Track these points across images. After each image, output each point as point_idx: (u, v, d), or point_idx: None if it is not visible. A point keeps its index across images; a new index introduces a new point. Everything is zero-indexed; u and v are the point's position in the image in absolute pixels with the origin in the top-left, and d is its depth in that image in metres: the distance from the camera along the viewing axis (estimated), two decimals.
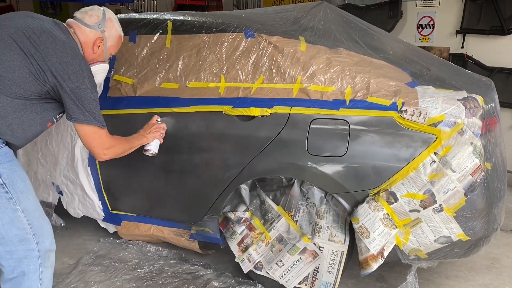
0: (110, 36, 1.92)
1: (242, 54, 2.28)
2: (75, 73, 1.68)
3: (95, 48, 1.86)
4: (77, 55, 1.72)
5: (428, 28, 5.05)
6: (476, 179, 1.98)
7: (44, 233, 1.76)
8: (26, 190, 1.71)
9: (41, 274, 1.76)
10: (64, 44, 1.69)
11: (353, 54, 2.21)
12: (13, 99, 1.64)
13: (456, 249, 2.11)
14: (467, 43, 4.73)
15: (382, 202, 2.04)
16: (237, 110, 2.22)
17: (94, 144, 1.82)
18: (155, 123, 2.24)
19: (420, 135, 2.00)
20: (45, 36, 1.66)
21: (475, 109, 2.02)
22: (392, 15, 5.25)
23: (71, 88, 1.68)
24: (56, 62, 1.65)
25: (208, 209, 2.40)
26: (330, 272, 2.25)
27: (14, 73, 1.62)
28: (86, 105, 1.72)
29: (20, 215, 1.67)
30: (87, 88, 1.71)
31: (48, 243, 1.77)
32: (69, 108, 1.72)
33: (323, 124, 2.11)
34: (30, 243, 1.71)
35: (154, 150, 2.22)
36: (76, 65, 1.69)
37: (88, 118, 1.74)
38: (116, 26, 1.95)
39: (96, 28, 1.86)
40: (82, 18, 1.86)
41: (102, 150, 1.85)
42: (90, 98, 1.73)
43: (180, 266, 2.68)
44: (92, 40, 1.86)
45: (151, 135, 2.19)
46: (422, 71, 2.26)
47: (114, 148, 1.91)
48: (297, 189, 2.30)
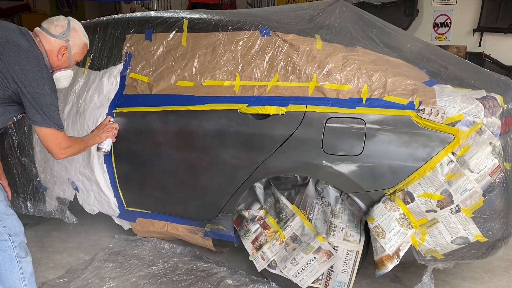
0: (75, 45, 2.02)
1: (257, 52, 2.28)
2: (36, 80, 1.80)
3: (60, 56, 1.97)
4: (39, 63, 1.83)
5: (444, 26, 4.99)
6: (494, 179, 1.95)
7: (15, 225, 1.90)
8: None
9: (20, 264, 1.90)
10: (27, 52, 1.80)
11: (370, 52, 2.19)
12: None
13: (473, 250, 2.08)
14: (485, 42, 4.67)
15: (398, 202, 2.02)
16: (252, 108, 2.22)
17: (52, 144, 1.93)
18: (108, 123, 2.41)
19: (438, 134, 1.98)
20: (9, 45, 1.77)
21: (494, 109, 1.98)
22: (408, 13, 5.21)
23: (32, 94, 1.80)
24: (18, 70, 1.77)
25: (223, 207, 2.40)
26: (344, 272, 2.24)
27: None
28: (45, 110, 1.84)
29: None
30: (47, 94, 1.83)
31: (20, 236, 1.91)
32: (29, 112, 1.84)
33: (339, 122, 2.10)
34: (2, 235, 1.85)
35: (107, 148, 2.40)
36: (37, 73, 1.81)
37: (46, 121, 1.85)
38: (81, 35, 2.04)
39: (60, 38, 1.96)
40: (48, 28, 1.96)
41: (60, 149, 1.97)
42: (49, 103, 1.85)
43: (194, 264, 2.69)
44: (57, 49, 1.96)
45: (104, 134, 2.37)
46: (440, 69, 2.24)
47: (71, 148, 2.04)
48: (312, 188, 2.29)
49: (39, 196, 2.94)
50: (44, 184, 2.90)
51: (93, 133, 2.35)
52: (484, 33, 4.61)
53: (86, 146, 2.23)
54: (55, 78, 1.97)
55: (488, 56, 4.53)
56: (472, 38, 4.74)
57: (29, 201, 2.96)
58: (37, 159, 2.85)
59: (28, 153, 2.85)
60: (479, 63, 4.46)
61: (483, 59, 4.51)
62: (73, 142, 2.07)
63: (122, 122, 2.51)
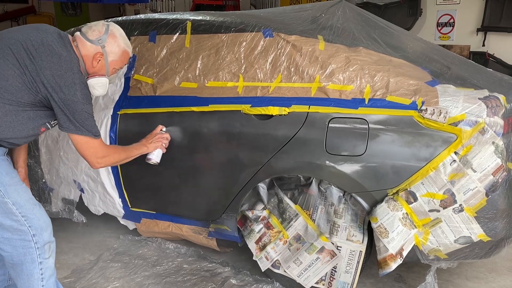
0: (111, 52, 1.94)
1: (260, 54, 2.30)
2: (67, 86, 1.74)
3: (95, 62, 1.90)
4: (72, 68, 1.77)
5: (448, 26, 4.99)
6: (497, 179, 1.96)
7: (41, 225, 1.82)
8: (14, 184, 1.77)
9: (41, 265, 1.82)
10: (60, 57, 1.75)
11: (372, 52, 2.20)
12: (5, 105, 1.71)
13: (476, 250, 2.08)
14: (488, 41, 4.66)
15: (401, 202, 2.03)
16: (255, 109, 2.23)
17: (87, 153, 1.88)
18: (158, 133, 2.30)
19: (440, 134, 1.98)
20: (43, 49, 1.73)
21: (497, 108, 1.98)
22: (411, 13, 5.21)
23: (62, 100, 1.74)
24: (49, 75, 1.72)
25: (226, 207, 2.42)
26: (348, 272, 2.25)
27: (8, 81, 1.70)
28: (77, 117, 1.78)
29: (11, 207, 1.74)
30: (78, 101, 1.77)
31: (46, 235, 1.83)
32: (59, 118, 1.79)
33: (341, 123, 2.11)
34: (26, 235, 1.78)
35: (156, 159, 2.27)
36: (69, 78, 1.75)
37: (79, 128, 1.80)
38: (120, 42, 1.96)
39: (96, 43, 1.90)
40: (85, 32, 1.92)
41: (96, 159, 1.91)
42: (81, 110, 1.79)
43: (199, 264, 2.71)
44: (92, 54, 1.90)
45: (153, 144, 2.25)
46: (442, 69, 2.24)
47: (109, 157, 1.97)
48: (315, 188, 2.31)
49: (45, 197, 2.97)
50: (50, 185, 2.93)
51: (140, 143, 2.24)
52: (488, 33, 4.60)
53: (129, 156, 2.13)
54: (89, 85, 1.90)
55: (492, 55, 4.52)
56: (475, 38, 4.73)
57: None
58: (43, 160, 2.88)
59: (34, 155, 2.88)
60: (482, 62, 4.46)
61: (487, 58, 4.50)
62: (112, 151, 2.01)
63: (126, 124, 2.53)
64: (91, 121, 1.84)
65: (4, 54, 1.71)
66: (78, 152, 1.90)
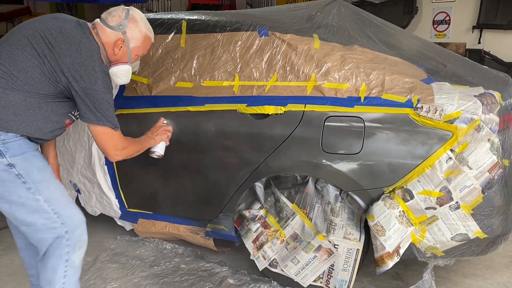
0: (133, 38, 1.86)
1: (256, 53, 2.29)
2: (88, 74, 1.68)
3: (116, 49, 1.83)
4: (92, 56, 1.71)
5: (444, 24, 5.00)
6: (493, 176, 1.96)
7: (74, 222, 1.77)
8: (45, 180, 1.73)
9: (66, 262, 1.77)
10: (79, 44, 1.69)
11: (368, 51, 2.20)
12: (26, 98, 1.67)
13: (473, 247, 2.08)
14: (484, 39, 4.68)
15: (397, 200, 2.03)
16: (251, 109, 2.23)
17: (107, 145, 1.83)
18: (161, 125, 2.26)
19: (436, 132, 1.99)
20: (62, 37, 1.67)
21: (492, 105, 1.99)
22: (407, 11, 5.21)
23: (83, 88, 1.69)
24: (69, 63, 1.66)
25: (223, 207, 2.41)
26: (345, 270, 2.25)
27: (27, 73, 1.65)
28: (98, 106, 1.72)
29: (43, 204, 1.70)
30: (99, 89, 1.71)
31: (78, 233, 1.78)
32: (80, 109, 1.74)
33: (337, 121, 2.11)
34: (59, 231, 1.73)
35: (160, 152, 2.24)
36: (89, 66, 1.69)
37: (100, 119, 1.74)
38: (141, 27, 1.88)
39: (117, 29, 1.82)
40: (105, 18, 1.84)
41: (115, 151, 1.86)
42: (102, 99, 1.73)
43: (196, 264, 2.71)
44: (113, 41, 1.83)
45: (159, 137, 2.21)
46: (438, 67, 2.24)
47: (127, 150, 1.92)
48: (312, 186, 2.30)
49: None
50: None
51: (147, 135, 2.19)
52: (484, 30, 4.61)
53: (142, 148, 2.09)
54: (111, 73, 1.83)
55: (488, 53, 4.53)
56: (471, 35, 4.75)
57: None
58: None
59: None
60: (478, 60, 4.47)
61: (482, 56, 4.52)
62: (130, 143, 1.95)
63: (122, 124, 2.52)
64: (111, 111, 1.77)
65: (22, 45, 1.66)
66: (97, 145, 1.84)
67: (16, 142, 1.68)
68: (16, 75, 1.65)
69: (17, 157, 1.67)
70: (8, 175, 1.66)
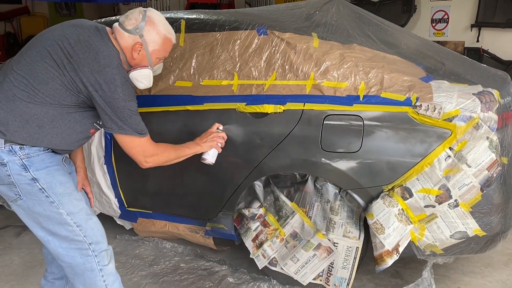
0: (151, 41, 1.79)
1: (255, 51, 2.29)
2: (107, 83, 1.64)
3: (135, 53, 1.77)
4: (111, 63, 1.66)
5: (442, 22, 5.00)
6: (492, 174, 1.96)
7: (96, 234, 1.77)
8: (67, 194, 1.72)
9: (101, 272, 1.77)
10: (98, 52, 1.65)
11: (366, 49, 2.20)
12: (49, 110, 1.65)
13: (472, 245, 2.09)
14: (483, 37, 4.68)
15: (397, 198, 2.03)
16: (251, 107, 2.23)
17: (133, 152, 1.79)
18: (214, 131, 2.17)
19: (435, 130, 1.99)
20: (80, 46, 1.64)
21: (490, 103, 1.99)
22: (405, 10, 5.22)
23: (103, 98, 1.65)
24: (88, 72, 1.63)
25: (223, 206, 2.42)
26: (345, 268, 2.25)
27: (48, 85, 1.63)
28: (119, 115, 1.68)
29: (66, 218, 1.70)
30: (119, 97, 1.66)
31: (102, 244, 1.78)
32: (102, 118, 1.70)
33: (336, 120, 2.11)
34: (82, 244, 1.73)
35: (211, 160, 2.14)
36: (108, 74, 1.64)
37: (121, 127, 1.70)
38: (160, 29, 1.80)
39: (134, 33, 1.76)
40: (123, 22, 1.78)
41: (144, 158, 1.81)
42: (123, 107, 1.67)
43: (196, 262, 2.71)
44: (131, 45, 1.77)
45: (207, 144, 2.12)
46: (437, 65, 2.25)
47: (158, 157, 1.87)
48: (311, 185, 2.31)
49: None
50: None
51: (194, 141, 2.11)
52: (482, 28, 4.62)
53: (180, 155, 2.01)
54: (132, 78, 1.77)
55: (486, 51, 4.54)
56: (470, 34, 4.75)
57: None
58: None
59: None
60: (477, 58, 4.47)
61: (481, 54, 4.52)
62: (161, 150, 1.89)
63: None
64: (135, 118, 1.72)
65: (42, 56, 1.64)
66: (125, 152, 1.80)
67: (39, 156, 1.67)
68: (37, 87, 1.62)
69: (41, 171, 1.67)
70: (32, 189, 1.66)
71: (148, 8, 1.85)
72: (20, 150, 1.64)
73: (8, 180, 1.65)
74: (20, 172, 1.65)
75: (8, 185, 1.67)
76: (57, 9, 9.48)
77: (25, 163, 1.65)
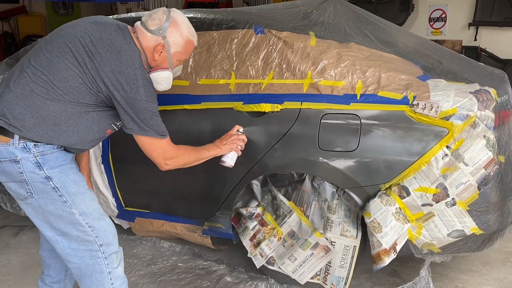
0: (174, 43, 1.76)
1: (252, 50, 2.29)
2: (129, 83, 1.60)
3: (156, 54, 1.74)
4: (133, 63, 1.62)
5: (440, 21, 5.00)
6: (489, 172, 1.97)
7: (108, 235, 1.73)
8: (80, 193, 1.69)
9: (110, 275, 1.74)
10: (120, 52, 1.61)
11: (364, 48, 2.20)
12: (67, 108, 1.61)
13: (469, 243, 2.09)
14: (480, 36, 4.69)
15: (394, 197, 2.03)
16: (248, 106, 2.23)
17: (154, 154, 1.76)
18: (234, 134, 2.10)
19: (432, 128, 1.99)
20: (102, 44, 1.60)
21: (488, 102, 2.00)
22: (403, 9, 5.22)
23: (125, 98, 1.62)
24: (109, 72, 1.59)
25: (220, 205, 2.41)
26: (342, 267, 2.25)
27: (67, 83, 1.59)
28: (141, 116, 1.65)
29: (78, 218, 1.67)
30: (141, 98, 1.63)
31: (113, 246, 1.75)
32: (123, 119, 1.67)
33: (334, 119, 2.11)
34: (93, 245, 1.70)
35: (230, 162, 2.07)
36: (130, 74, 1.61)
37: (143, 129, 1.67)
38: (183, 31, 1.76)
39: (157, 34, 1.72)
40: (145, 22, 1.74)
41: (163, 160, 1.78)
42: (145, 108, 1.65)
43: (193, 262, 2.71)
44: (153, 46, 1.73)
45: (227, 146, 2.05)
46: (434, 64, 2.25)
47: (178, 159, 1.83)
48: (309, 184, 2.31)
49: None
50: None
51: (214, 144, 2.04)
52: (480, 27, 4.63)
53: (200, 157, 1.95)
54: (152, 79, 1.73)
55: (484, 49, 4.55)
56: (467, 32, 4.76)
57: None
58: None
59: None
60: (475, 57, 4.48)
61: (479, 53, 4.53)
62: (181, 152, 1.85)
63: None
64: (156, 120, 1.70)
65: (62, 53, 1.60)
66: (145, 153, 1.76)
67: (53, 154, 1.64)
68: (57, 84, 1.59)
69: (54, 169, 1.64)
70: (45, 187, 1.63)
71: (172, 8, 1.82)
72: (34, 148, 1.60)
73: (20, 177, 1.62)
74: (34, 170, 1.61)
75: (20, 183, 1.63)
76: (55, 8, 9.46)
77: (39, 160, 1.61)
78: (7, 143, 1.59)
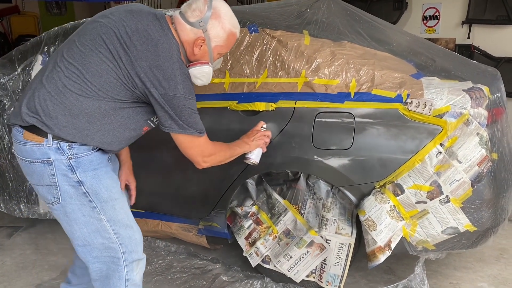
0: (216, 36, 1.63)
1: (246, 49, 2.29)
2: (166, 79, 1.50)
3: (196, 48, 1.62)
4: (171, 57, 1.51)
5: (433, 19, 5.02)
6: (482, 169, 1.98)
7: (132, 243, 1.67)
8: (111, 200, 1.61)
9: (127, 282, 1.68)
10: (157, 45, 1.50)
11: (357, 46, 2.21)
12: (101, 104, 1.52)
13: (463, 240, 2.10)
14: (473, 34, 4.70)
15: (388, 194, 2.04)
16: (242, 105, 2.23)
17: (192, 152, 1.68)
18: (259, 129, 2.00)
19: (426, 126, 2.00)
20: (138, 36, 1.50)
21: (480, 99, 2.01)
22: (397, 7, 5.23)
23: (162, 95, 1.51)
24: (146, 67, 1.49)
25: (215, 204, 2.41)
26: (337, 265, 2.26)
27: (101, 78, 1.50)
28: (179, 114, 1.55)
29: (105, 224, 1.60)
30: (180, 95, 1.53)
31: (135, 254, 1.68)
32: (161, 117, 1.57)
33: (328, 117, 2.12)
34: (116, 252, 1.64)
35: (256, 159, 1.99)
36: (168, 70, 1.50)
37: (182, 127, 1.58)
38: (225, 23, 1.64)
39: (197, 26, 1.60)
40: (185, 12, 1.62)
41: (202, 158, 1.71)
42: (184, 106, 1.55)
43: (189, 261, 2.71)
44: (192, 40, 1.61)
45: (255, 142, 1.96)
46: (427, 62, 2.26)
47: (215, 156, 1.76)
48: (303, 182, 2.31)
49: (33, 198, 2.94)
50: None
51: (242, 140, 1.95)
52: (473, 25, 4.64)
53: (233, 154, 1.88)
54: (191, 74, 1.61)
55: (477, 47, 4.56)
56: (461, 31, 4.77)
57: (22, 204, 2.95)
58: None
59: None
60: (468, 55, 4.49)
61: (472, 51, 4.54)
62: (218, 149, 1.79)
63: None
64: (195, 117, 1.60)
65: (96, 46, 1.50)
66: (182, 152, 1.68)
67: (88, 156, 1.56)
68: (90, 79, 1.50)
69: (87, 173, 1.56)
70: (76, 192, 1.55)
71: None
72: (68, 149, 1.52)
73: (51, 180, 1.54)
74: (66, 173, 1.53)
75: (48, 187, 1.56)
76: (48, 8, 9.40)
77: (72, 163, 1.53)
78: (40, 143, 1.52)
